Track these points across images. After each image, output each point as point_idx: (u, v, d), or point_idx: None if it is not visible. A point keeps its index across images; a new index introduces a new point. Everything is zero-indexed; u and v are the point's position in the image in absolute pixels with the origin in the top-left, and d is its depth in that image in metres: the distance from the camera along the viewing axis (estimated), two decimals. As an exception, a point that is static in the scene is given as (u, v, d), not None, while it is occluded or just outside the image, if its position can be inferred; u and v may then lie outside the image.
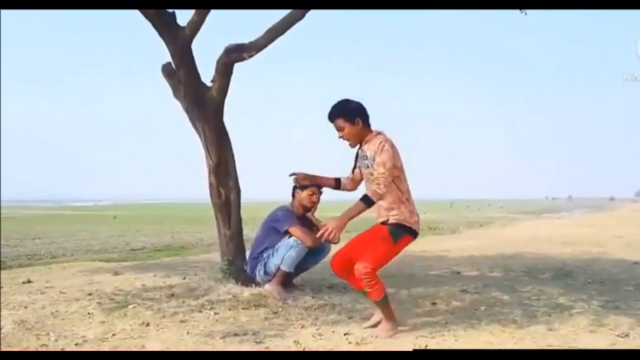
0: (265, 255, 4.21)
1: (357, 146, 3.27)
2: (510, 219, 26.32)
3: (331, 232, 2.95)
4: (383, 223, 3.15)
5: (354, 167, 3.37)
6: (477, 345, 2.83)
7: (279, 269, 4.09)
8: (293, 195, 4.30)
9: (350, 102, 3.21)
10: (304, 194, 4.21)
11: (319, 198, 4.25)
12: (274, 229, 4.23)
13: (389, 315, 3.11)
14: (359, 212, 3.04)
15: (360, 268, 2.95)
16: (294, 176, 3.61)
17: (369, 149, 3.15)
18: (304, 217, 4.29)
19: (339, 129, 3.19)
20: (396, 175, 3.10)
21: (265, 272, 4.18)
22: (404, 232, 3.12)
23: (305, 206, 4.26)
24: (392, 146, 3.10)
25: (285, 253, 4.06)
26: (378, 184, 3.01)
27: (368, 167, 3.15)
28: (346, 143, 3.25)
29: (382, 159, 3.04)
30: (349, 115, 3.15)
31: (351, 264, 3.05)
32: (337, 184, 3.49)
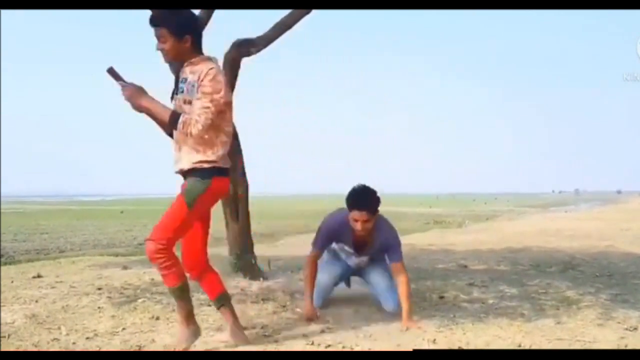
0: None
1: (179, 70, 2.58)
2: (517, 212, 26.28)
3: None
4: (182, 174, 2.54)
5: (172, 96, 2.60)
6: (485, 338, 2.83)
7: None
8: None
9: (183, 12, 2.52)
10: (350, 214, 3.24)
11: (364, 227, 3.21)
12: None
13: (184, 316, 2.59)
14: (156, 118, 2.52)
15: (150, 245, 2.40)
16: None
17: (191, 72, 2.49)
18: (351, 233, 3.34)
19: (160, 40, 2.48)
20: (221, 111, 2.47)
21: None
22: (208, 181, 2.47)
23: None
24: (223, 79, 2.48)
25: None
26: (197, 121, 2.38)
27: (183, 92, 2.49)
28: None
29: (209, 88, 2.40)
30: (178, 30, 2.45)
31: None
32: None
